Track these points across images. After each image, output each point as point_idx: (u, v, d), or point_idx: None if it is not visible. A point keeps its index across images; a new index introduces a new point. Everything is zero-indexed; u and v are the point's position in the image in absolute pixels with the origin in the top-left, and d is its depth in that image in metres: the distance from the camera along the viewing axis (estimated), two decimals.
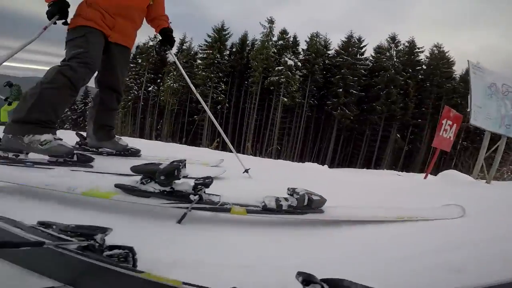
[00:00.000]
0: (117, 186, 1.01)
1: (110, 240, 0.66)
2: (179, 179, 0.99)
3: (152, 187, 0.99)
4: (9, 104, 8.80)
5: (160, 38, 2.38)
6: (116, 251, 0.64)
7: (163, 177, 0.95)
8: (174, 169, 0.95)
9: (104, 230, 0.68)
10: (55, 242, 0.58)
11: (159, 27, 2.34)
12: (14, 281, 0.60)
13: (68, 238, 0.64)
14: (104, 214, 1.05)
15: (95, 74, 2.09)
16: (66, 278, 0.58)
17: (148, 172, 0.98)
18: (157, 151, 2.83)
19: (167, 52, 2.44)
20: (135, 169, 1.00)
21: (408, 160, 30.36)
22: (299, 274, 0.63)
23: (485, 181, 4.72)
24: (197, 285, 0.51)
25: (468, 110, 4.78)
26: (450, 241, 1.14)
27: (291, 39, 31.24)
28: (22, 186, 1.14)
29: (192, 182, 1.05)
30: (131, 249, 0.66)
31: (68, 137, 1.98)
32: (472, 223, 1.37)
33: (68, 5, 1.86)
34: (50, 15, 1.81)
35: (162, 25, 2.33)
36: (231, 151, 2.57)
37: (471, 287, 0.56)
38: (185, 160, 1.01)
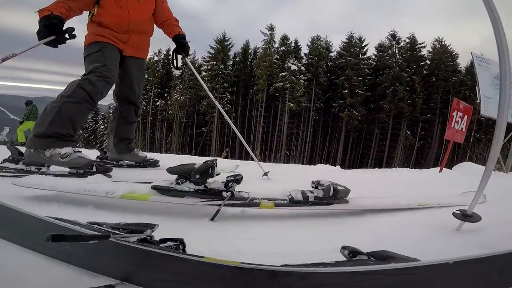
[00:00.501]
0: (153, 187, 1.08)
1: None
2: (213, 177, 1.06)
3: (187, 186, 1.05)
4: (20, 123, 8.94)
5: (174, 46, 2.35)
6: (169, 242, 0.69)
7: (199, 176, 1.01)
8: (209, 167, 1.02)
9: (151, 226, 0.73)
10: (118, 235, 0.62)
11: (171, 34, 2.33)
12: (70, 281, 0.63)
13: (124, 233, 0.68)
14: (140, 216, 1.10)
15: (113, 88, 2.14)
16: (123, 273, 0.61)
17: (184, 172, 1.04)
18: (172, 162, 2.88)
19: (183, 60, 2.43)
20: (171, 170, 1.06)
21: (420, 157, 29.82)
22: (344, 248, 0.68)
23: (502, 172, 4.65)
24: (255, 264, 0.54)
25: (478, 101, 4.77)
26: (475, 223, 1.16)
27: (293, 44, 31.47)
28: (59, 193, 1.20)
29: (223, 180, 1.11)
30: (181, 241, 0.71)
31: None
32: (494, 208, 1.38)
33: (61, 22, 1.70)
34: (41, 35, 1.65)
35: (174, 32, 2.32)
36: (240, 160, 2.62)
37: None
38: (216, 160, 1.08)
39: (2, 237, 0.77)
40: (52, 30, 1.66)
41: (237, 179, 1.08)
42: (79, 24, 1.85)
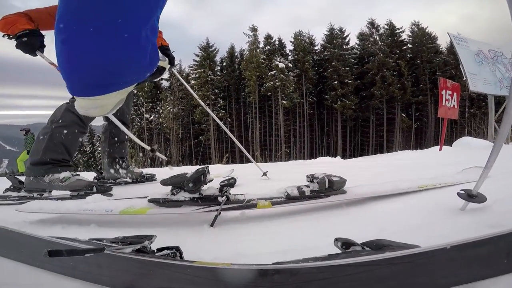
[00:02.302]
0: (150, 201, 1.08)
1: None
2: (206, 183, 1.06)
3: (183, 196, 1.05)
4: (27, 152, 8.89)
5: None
6: (165, 251, 0.70)
7: (192, 184, 1.02)
8: (201, 175, 1.02)
9: (149, 237, 0.74)
10: (114, 248, 0.64)
11: None
12: None
13: (121, 245, 0.70)
14: (140, 229, 1.10)
15: None
16: (125, 283, 0.63)
17: (177, 182, 1.04)
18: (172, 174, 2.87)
19: (170, 71, 2.45)
20: (165, 182, 1.06)
21: (419, 137, 30.04)
22: (337, 239, 0.67)
23: (504, 143, 4.65)
24: (244, 264, 0.55)
25: (464, 79, 4.84)
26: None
27: (277, 42, 31.61)
28: (62, 215, 1.24)
29: (217, 186, 1.11)
30: (177, 248, 0.72)
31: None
32: (497, 183, 1.34)
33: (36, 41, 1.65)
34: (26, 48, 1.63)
35: (157, 44, 2.32)
36: (241, 164, 2.65)
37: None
38: (207, 166, 1.08)
39: (12, 258, 0.80)
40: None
41: (231, 182, 1.08)
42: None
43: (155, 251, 0.68)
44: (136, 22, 0.47)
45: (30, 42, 1.62)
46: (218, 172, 2.53)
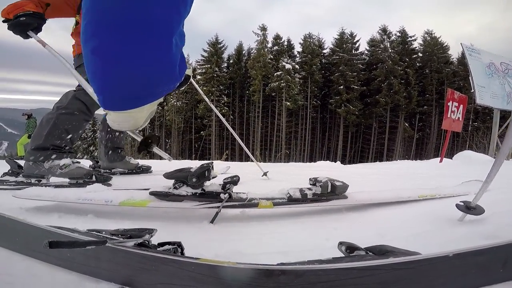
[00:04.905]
0: (151, 193, 1.07)
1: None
2: (210, 179, 1.05)
3: (185, 190, 1.05)
4: (29, 137, 8.92)
5: None
6: (166, 246, 0.69)
7: (195, 179, 1.01)
8: (205, 170, 1.02)
9: (150, 231, 0.73)
10: (115, 241, 0.63)
11: None
12: (72, 287, 0.62)
13: (122, 239, 0.70)
14: (139, 222, 1.09)
15: None
16: (123, 278, 0.61)
17: (181, 176, 1.04)
18: (170, 167, 2.87)
19: None
20: (168, 175, 1.06)
21: (420, 148, 30.01)
22: (342, 243, 0.67)
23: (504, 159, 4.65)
24: (250, 263, 0.54)
25: (472, 91, 4.80)
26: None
27: (285, 43, 31.60)
28: (60, 204, 1.21)
29: (220, 182, 1.11)
30: (179, 244, 0.70)
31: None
32: (496, 196, 1.36)
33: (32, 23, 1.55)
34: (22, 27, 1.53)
35: None
36: (241, 162, 2.64)
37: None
38: (212, 163, 1.08)
39: (5, 247, 0.77)
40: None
41: (234, 180, 1.08)
42: (64, 31, 1.80)
43: (157, 245, 0.67)
44: (169, 28, 0.43)
45: (24, 22, 1.52)
46: (215, 169, 2.54)
